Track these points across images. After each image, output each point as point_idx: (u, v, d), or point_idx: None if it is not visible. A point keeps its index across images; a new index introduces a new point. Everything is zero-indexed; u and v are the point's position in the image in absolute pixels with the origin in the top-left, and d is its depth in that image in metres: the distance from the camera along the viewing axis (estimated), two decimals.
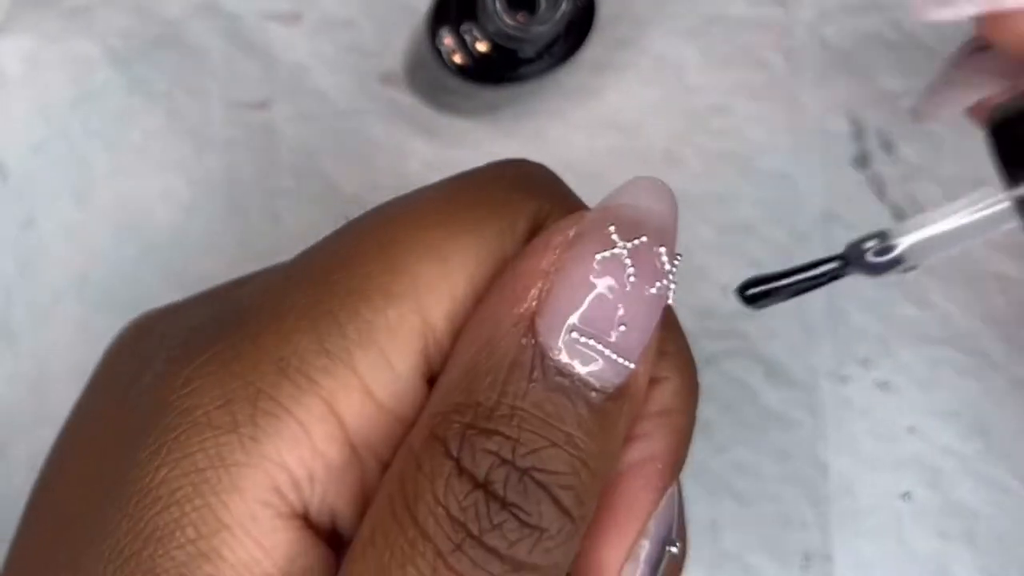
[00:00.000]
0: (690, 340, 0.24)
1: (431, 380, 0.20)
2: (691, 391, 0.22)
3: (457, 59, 0.30)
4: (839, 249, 0.35)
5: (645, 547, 0.21)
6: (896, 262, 0.18)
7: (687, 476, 0.35)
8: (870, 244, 0.18)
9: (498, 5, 0.28)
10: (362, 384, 0.19)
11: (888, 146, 0.36)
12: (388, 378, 0.19)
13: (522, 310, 0.18)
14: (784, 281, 0.19)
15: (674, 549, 0.22)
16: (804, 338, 0.35)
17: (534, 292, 0.19)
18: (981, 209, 0.17)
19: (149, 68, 0.33)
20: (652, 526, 0.21)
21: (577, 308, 0.18)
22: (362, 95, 0.34)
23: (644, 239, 0.19)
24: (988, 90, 0.17)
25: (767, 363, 0.35)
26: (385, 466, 0.20)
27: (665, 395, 0.21)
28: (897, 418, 0.35)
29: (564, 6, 0.28)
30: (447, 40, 0.30)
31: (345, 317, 0.19)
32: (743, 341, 0.35)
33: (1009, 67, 0.17)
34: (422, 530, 0.18)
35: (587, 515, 0.19)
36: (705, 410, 0.35)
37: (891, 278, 0.18)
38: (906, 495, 0.35)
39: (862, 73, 0.36)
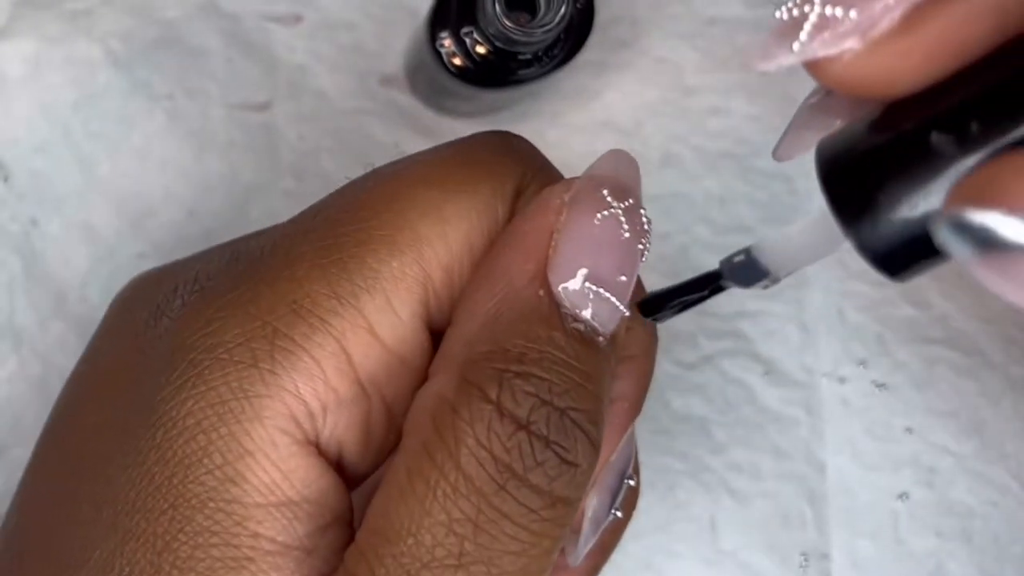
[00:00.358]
0: (689, 339, 0.25)
1: (430, 328, 0.22)
2: (652, 339, 0.24)
3: (457, 61, 0.31)
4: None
5: (608, 478, 0.23)
6: (762, 274, 0.19)
7: (686, 475, 0.35)
8: (738, 259, 0.19)
9: (498, 8, 0.28)
10: (368, 325, 0.21)
11: None
12: (392, 321, 0.21)
13: (534, 265, 0.20)
14: (677, 299, 0.21)
15: (631, 482, 0.23)
16: (802, 338, 0.35)
17: (542, 248, 0.20)
18: (827, 228, 0.18)
19: (150, 70, 0.34)
20: (614, 459, 0.23)
21: (585, 261, 0.20)
22: (362, 96, 0.34)
23: (631, 201, 0.21)
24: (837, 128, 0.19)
25: (765, 362, 0.35)
26: (387, 404, 0.21)
27: (631, 342, 0.23)
28: (894, 418, 0.36)
29: (563, 8, 0.28)
30: (447, 42, 0.30)
31: (353, 266, 0.21)
32: (742, 341, 0.35)
33: (851, 106, 0.19)
34: (465, 473, 0.19)
35: (601, 449, 0.20)
36: (704, 409, 0.35)
37: (768, 289, 0.20)
38: (903, 494, 0.35)
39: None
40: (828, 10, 0.17)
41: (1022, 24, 0.15)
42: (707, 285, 0.20)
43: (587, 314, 0.20)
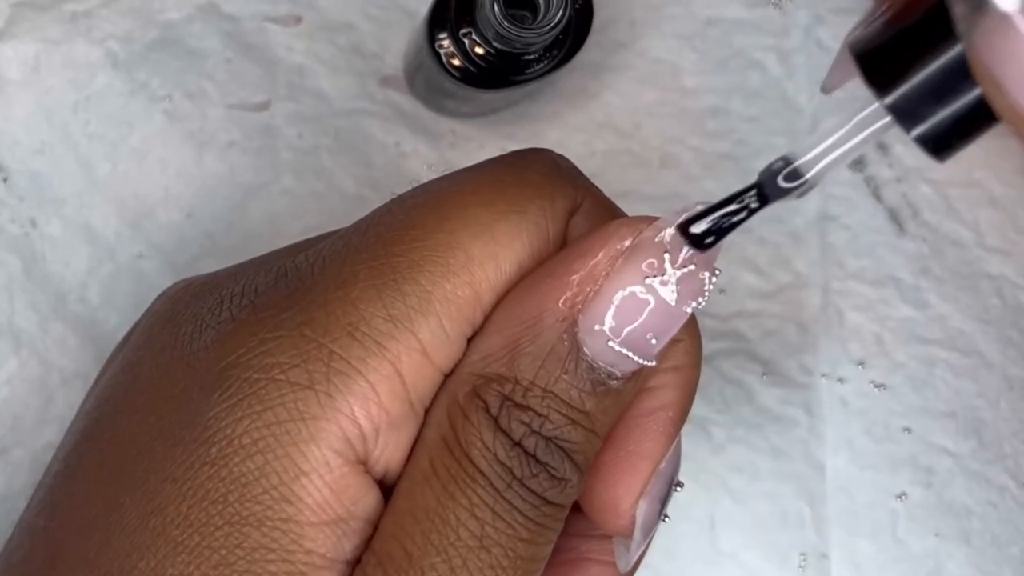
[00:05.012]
0: None
1: None
2: (698, 349, 0.24)
3: (455, 62, 0.31)
4: (836, 249, 0.35)
5: (658, 486, 0.23)
6: (801, 181, 0.20)
7: (685, 475, 0.35)
8: (776, 165, 0.20)
9: (496, 9, 0.28)
10: (422, 347, 0.21)
11: (883, 148, 0.36)
12: (443, 343, 0.21)
13: (569, 305, 0.21)
14: (717, 213, 0.21)
15: (679, 489, 0.24)
16: (801, 338, 0.36)
17: (583, 292, 0.21)
18: (866, 124, 0.19)
19: (149, 71, 0.34)
20: (663, 468, 0.23)
21: (618, 320, 0.21)
22: (362, 97, 0.34)
23: (693, 267, 0.21)
24: None
25: (764, 363, 0.35)
26: None
27: (678, 353, 0.23)
28: (893, 418, 0.36)
29: (562, 10, 0.28)
30: (445, 43, 0.30)
31: (408, 288, 0.21)
32: (741, 341, 0.35)
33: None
34: (478, 468, 0.20)
35: (591, 465, 0.22)
36: (703, 409, 0.35)
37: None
38: (902, 495, 0.35)
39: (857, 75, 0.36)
40: None
41: None
42: (745, 196, 0.20)
43: (605, 365, 0.21)
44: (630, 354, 0.21)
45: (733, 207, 0.21)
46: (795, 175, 0.19)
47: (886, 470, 0.35)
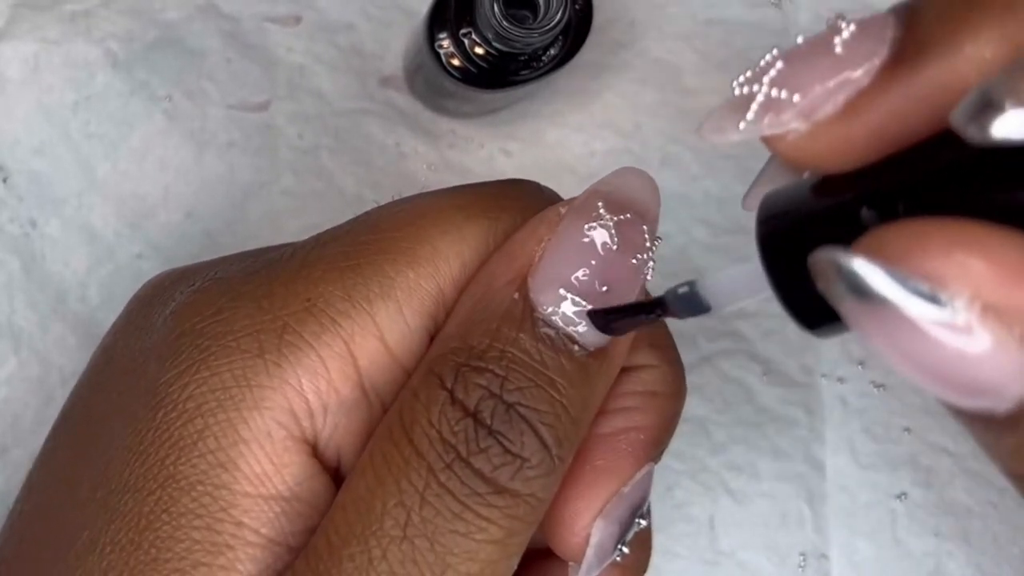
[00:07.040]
0: (688, 340, 0.25)
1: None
2: (677, 380, 0.24)
3: (455, 62, 0.31)
4: None
5: (619, 509, 0.22)
6: (702, 307, 0.19)
7: (685, 475, 0.35)
8: (682, 290, 0.20)
9: (496, 9, 0.28)
10: (379, 332, 0.21)
11: None
12: (401, 330, 0.21)
13: (516, 270, 0.21)
14: (623, 316, 0.21)
15: (643, 523, 0.23)
16: (801, 338, 0.36)
17: (528, 255, 0.21)
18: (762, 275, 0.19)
19: (149, 71, 0.34)
20: (627, 491, 0.22)
21: (566, 269, 0.20)
22: (362, 96, 0.34)
23: (628, 215, 0.21)
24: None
25: (764, 362, 0.35)
26: None
27: (653, 379, 0.23)
28: (893, 418, 0.36)
29: (562, 10, 0.28)
30: (445, 43, 0.30)
31: (370, 272, 0.21)
32: (741, 341, 0.35)
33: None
34: (416, 449, 0.19)
35: (566, 458, 0.20)
36: (703, 409, 0.35)
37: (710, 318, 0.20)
38: (902, 494, 0.35)
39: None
40: (774, 92, 0.17)
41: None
42: (653, 309, 0.20)
43: (563, 325, 0.20)
44: (585, 305, 0.20)
45: (640, 315, 0.20)
46: (697, 300, 0.19)
47: (886, 470, 0.35)
